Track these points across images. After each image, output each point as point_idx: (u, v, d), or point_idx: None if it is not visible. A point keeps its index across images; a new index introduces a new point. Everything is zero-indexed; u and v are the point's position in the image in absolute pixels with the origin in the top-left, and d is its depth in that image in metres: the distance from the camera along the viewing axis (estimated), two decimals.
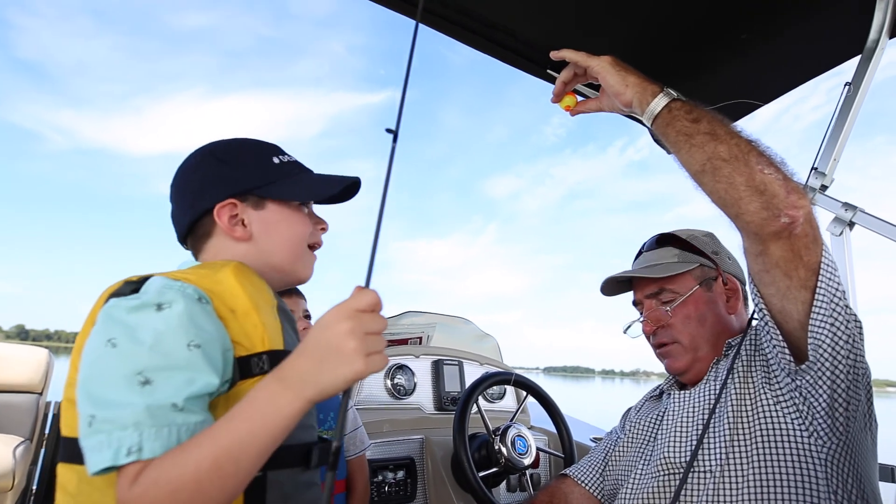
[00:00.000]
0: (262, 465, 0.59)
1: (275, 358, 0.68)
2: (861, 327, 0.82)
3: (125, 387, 0.57)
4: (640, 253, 1.20)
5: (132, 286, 0.65)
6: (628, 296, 1.19)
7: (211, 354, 0.62)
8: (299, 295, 1.38)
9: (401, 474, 1.67)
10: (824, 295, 0.78)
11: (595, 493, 1.20)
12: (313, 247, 0.86)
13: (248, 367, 0.66)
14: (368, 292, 0.58)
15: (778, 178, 0.77)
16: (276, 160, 0.83)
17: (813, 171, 1.36)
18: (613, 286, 1.18)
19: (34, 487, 2.61)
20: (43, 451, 2.64)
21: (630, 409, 1.28)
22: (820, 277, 0.78)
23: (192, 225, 0.80)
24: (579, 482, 1.23)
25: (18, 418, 2.63)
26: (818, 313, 0.78)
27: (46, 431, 2.54)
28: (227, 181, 0.79)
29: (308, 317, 1.39)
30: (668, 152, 1.68)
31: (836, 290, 0.79)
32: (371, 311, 0.58)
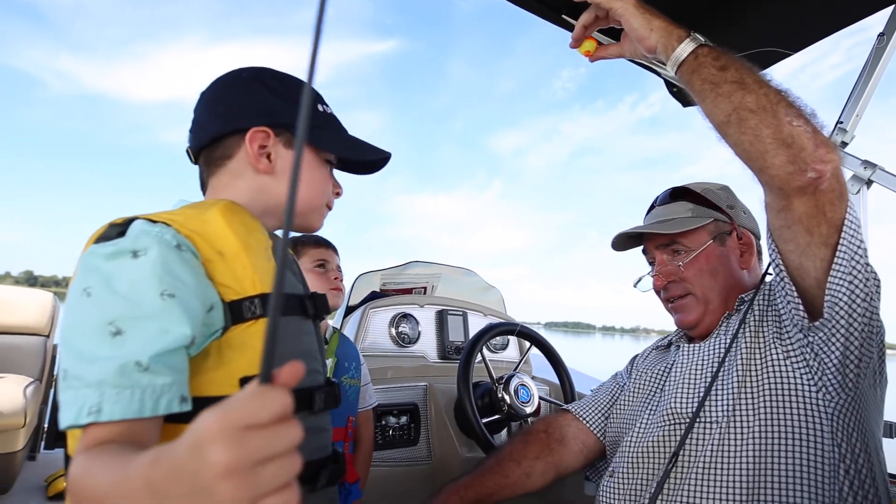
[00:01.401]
0: None
1: (268, 301, 0.65)
2: (879, 284, 0.81)
3: (97, 338, 0.54)
4: (652, 206, 1.18)
5: (118, 229, 0.62)
6: (635, 255, 1.18)
7: (187, 305, 0.58)
8: (331, 247, 1.35)
9: (404, 419, 1.71)
10: (845, 252, 0.77)
11: (595, 432, 1.23)
12: (330, 201, 0.83)
13: (239, 312, 0.64)
14: (269, 393, 0.34)
15: (807, 130, 0.74)
16: (319, 107, 0.80)
17: (837, 126, 1.32)
18: (625, 241, 1.17)
19: (45, 426, 2.69)
20: (52, 391, 2.71)
21: (637, 356, 1.29)
22: (843, 234, 0.76)
23: (214, 140, 0.76)
24: (579, 418, 1.25)
25: (27, 360, 2.68)
26: (838, 271, 0.77)
27: (55, 373, 2.59)
28: (270, 109, 0.75)
29: (340, 270, 1.37)
30: (684, 105, 1.63)
31: (859, 247, 0.77)
32: (271, 425, 0.34)
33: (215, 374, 0.62)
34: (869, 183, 1.34)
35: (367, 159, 0.81)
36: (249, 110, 0.75)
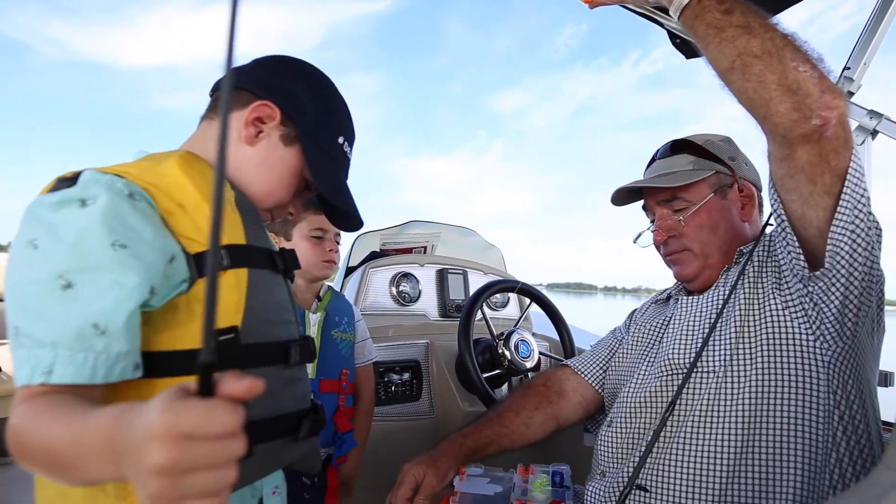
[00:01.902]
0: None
1: (236, 252, 0.64)
2: (881, 233, 0.81)
3: (47, 292, 0.52)
4: (653, 160, 1.16)
5: (66, 183, 0.58)
6: (636, 215, 1.17)
7: (141, 256, 0.56)
8: None
9: (406, 376, 1.74)
10: (848, 202, 0.76)
11: (594, 385, 1.25)
12: (279, 213, 0.81)
13: (205, 264, 0.61)
14: (218, 409, 0.35)
15: (813, 76, 0.72)
16: (340, 140, 0.79)
17: (843, 73, 1.29)
18: (624, 196, 1.16)
19: None
20: None
21: (635, 310, 1.30)
22: (846, 183, 0.75)
23: (234, 87, 0.74)
24: (578, 372, 1.27)
25: None
26: (840, 220, 0.77)
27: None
28: (294, 101, 0.74)
29: (338, 239, 1.36)
30: (688, 57, 1.59)
31: (862, 195, 0.77)
32: (215, 439, 0.35)
33: (188, 328, 0.61)
34: (874, 133, 1.32)
35: (336, 205, 0.78)
36: (277, 87, 0.74)
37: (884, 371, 1.24)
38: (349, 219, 0.85)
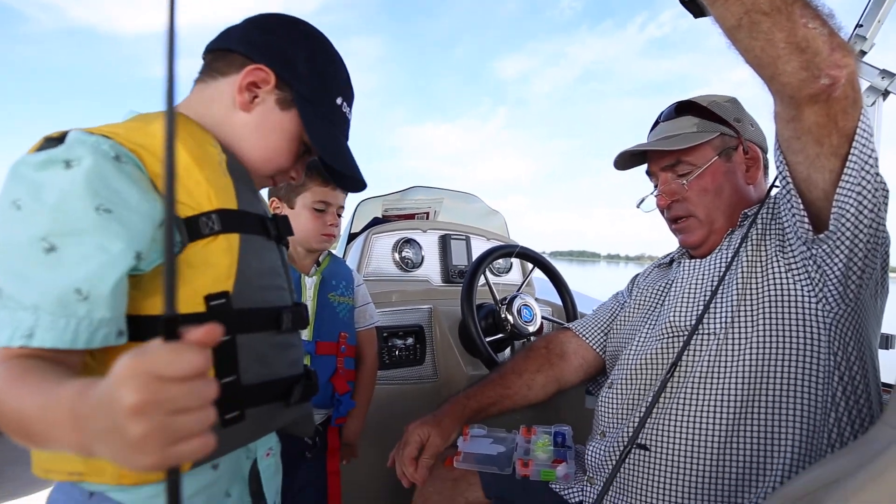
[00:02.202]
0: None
1: (226, 217, 0.63)
2: (887, 194, 0.80)
3: (30, 255, 0.51)
4: (657, 122, 1.14)
5: (53, 143, 0.57)
6: (641, 181, 1.15)
7: (125, 222, 0.54)
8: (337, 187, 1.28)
9: (410, 340, 1.75)
10: (856, 162, 0.75)
11: (595, 348, 1.26)
12: (281, 178, 0.80)
13: (196, 228, 0.61)
14: (183, 350, 0.36)
15: (822, 33, 0.70)
16: (339, 101, 0.77)
17: (856, 31, 1.25)
18: (627, 160, 1.14)
19: None
20: None
21: (638, 275, 1.30)
22: (854, 144, 0.74)
23: (227, 50, 0.72)
24: (580, 335, 1.28)
25: None
26: (847, 182, 0.76)
27: None
28: (290, 64, 0.72)
29: (341, 212, 1.33)
30: (696, 16, 1.55)
31: (870, 156, 0.75)
32: (184, 380, 0.36)
33: (180, 293, 0.59)
34: (886, 94, 1.29)
35: (338, 169, 0.77)
36: (272, 49, 0.72)
37: (885, 334, 1.25)
38: (352, 181, 0.84)
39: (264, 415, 0.68)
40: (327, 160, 0.76)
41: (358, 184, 0.85)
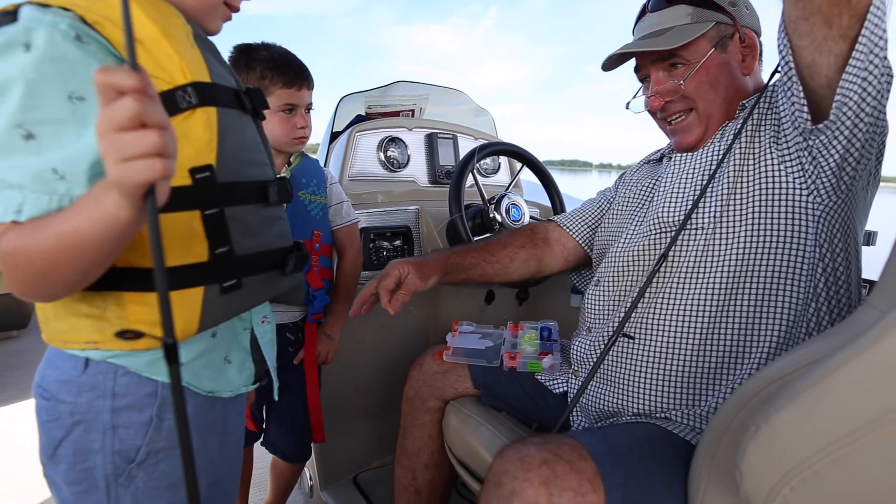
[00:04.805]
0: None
1: (202, 90, 0.61)
2: (892, 80, 0.76)
3: (10, 141, 0.52)
4: (643, 12, 1.04)
5: (7, 18, 0.53)
6: (635, 87, 1.08)
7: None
8: (303, 85, 1.23)
9: (398, 242, 1.75)
10: (865, 45, 0.70)
11: (578, 239, 1.28)
12: (231, 6, 0.73)
13: (173, 102, 0.59)
14: (120, 103, 0.42)
15: None
16: None
17: None
18: (615, 59, 1.05)
19: None
20: None
21: (625, 172, 1.28)
22: (865, 24, 0.69)
23: None
24: (563, 226, 1.30)
25: None
26: (853, 67, 0.72)
27: None
28: None
29: (310, 111, 1.28)
30: None
31: (881, 37, 0.71)
32: (133, 128, 0.43)
33: None
34: None
35: None
36: None
37: (867, 230, 1.26)
38: None
39: (260, 283, 0.71)
40: None
41: None
